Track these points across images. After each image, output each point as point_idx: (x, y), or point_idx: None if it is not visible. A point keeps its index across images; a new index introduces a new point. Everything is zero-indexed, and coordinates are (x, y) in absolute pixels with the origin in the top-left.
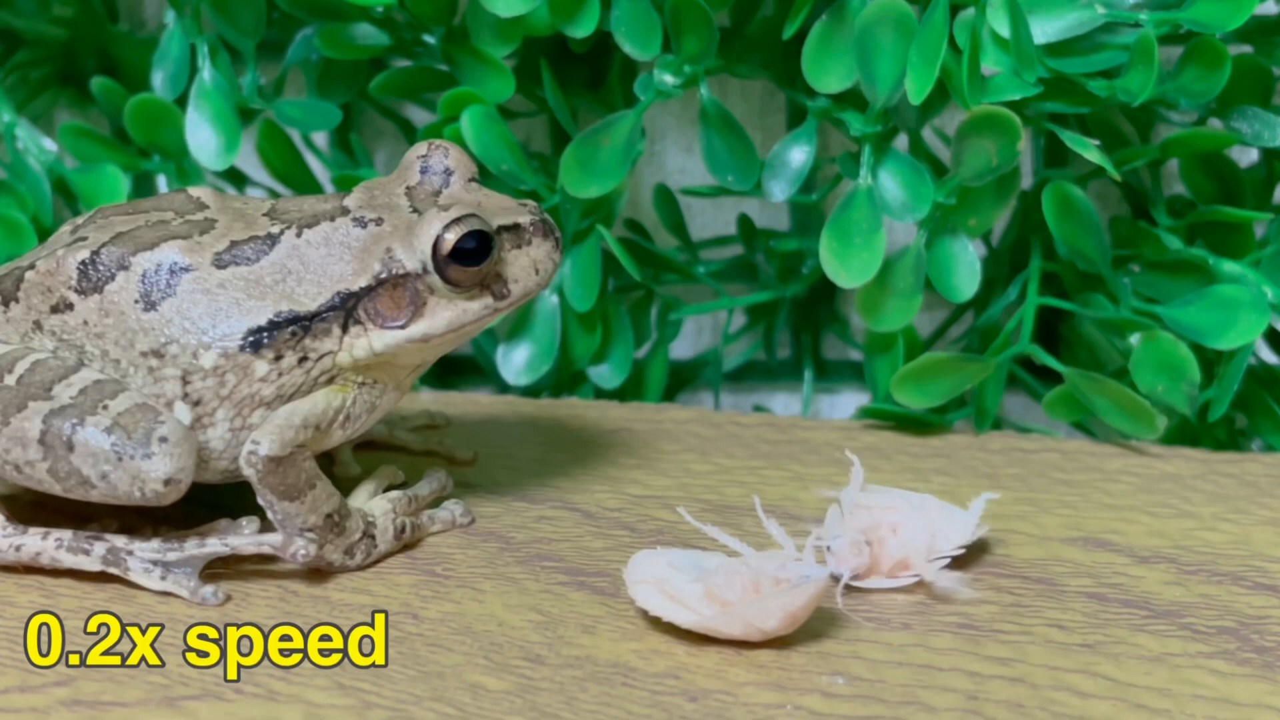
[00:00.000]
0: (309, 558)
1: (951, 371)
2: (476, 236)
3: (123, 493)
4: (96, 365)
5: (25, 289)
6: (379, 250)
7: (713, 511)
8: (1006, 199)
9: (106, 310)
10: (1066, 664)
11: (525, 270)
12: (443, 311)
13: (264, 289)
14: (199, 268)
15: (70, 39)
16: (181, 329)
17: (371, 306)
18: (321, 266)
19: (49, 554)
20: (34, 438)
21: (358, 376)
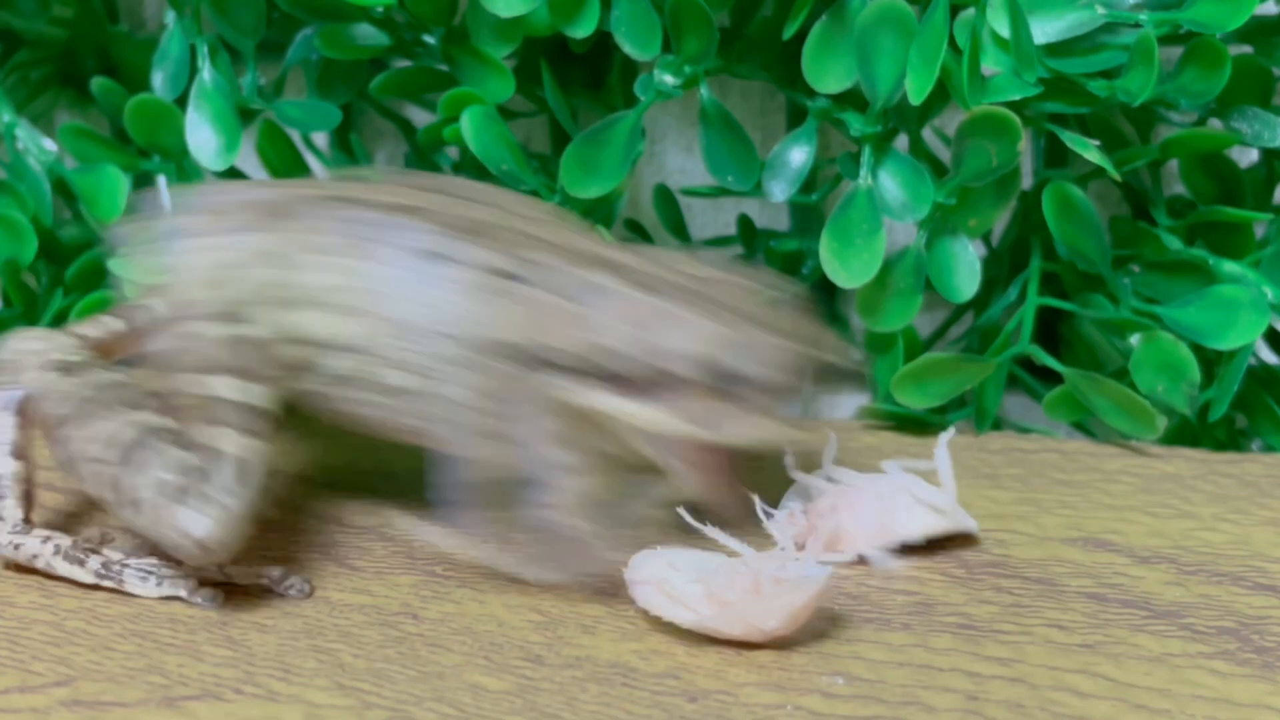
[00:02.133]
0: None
1: (951, 372)
2: (732, 372)
3: (161, 531)
4: (365, 319)
5: (344, 223)
6: (649, 327)
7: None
8: (1006, 199)
9: (421, 274)
10: (1066, 664)
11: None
12: (734, 419)
13: (562, 318)
14: (491, 270)
15: (70, 39)
16: (488, 328)
17: (673, 396)
18: (623, 327)
19: (45, 559)
20: (122, 442)
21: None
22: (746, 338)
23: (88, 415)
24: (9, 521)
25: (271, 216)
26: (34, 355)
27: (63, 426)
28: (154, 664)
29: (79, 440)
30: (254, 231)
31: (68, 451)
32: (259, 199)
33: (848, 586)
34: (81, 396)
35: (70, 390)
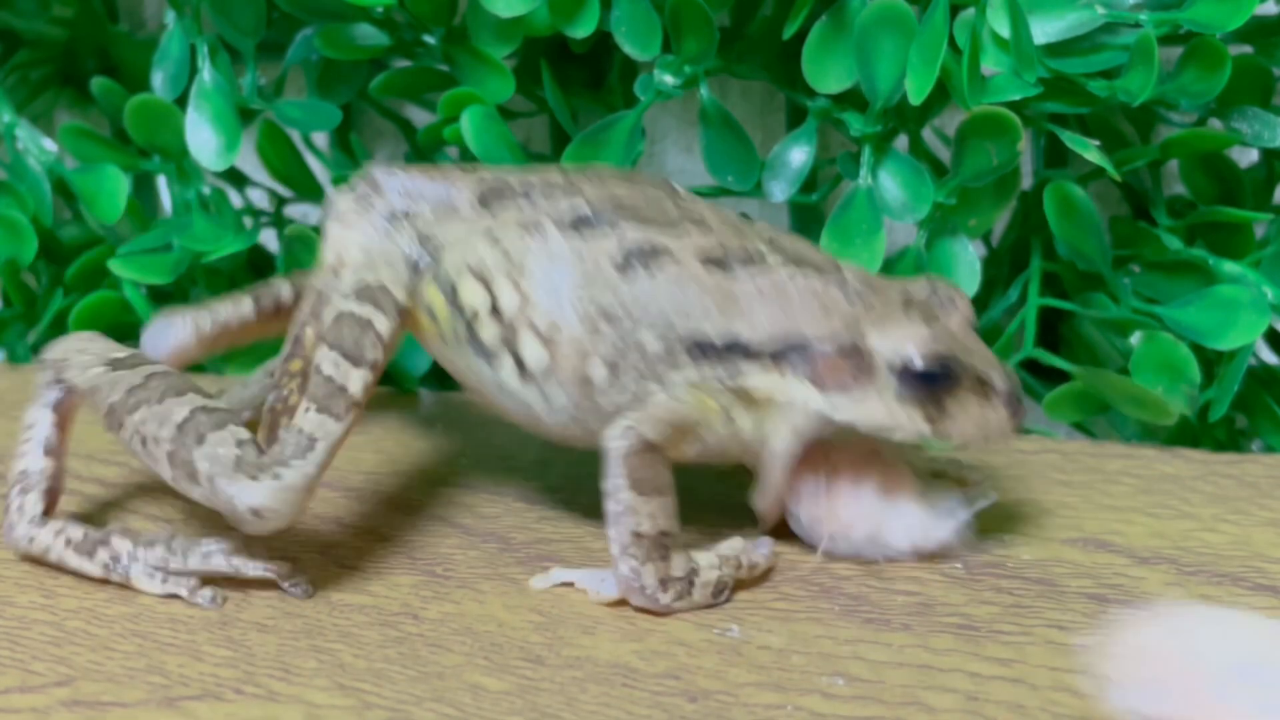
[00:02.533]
0: (633, 575)
1: None
2: (945, 364)
3: (220, 502)
4: (530, 289)
5: (504, 205)
6: (855, 320)
7: (713, 512)
8: (1006, 199)
9: (580, 255)
10: (1067, 665)
11: (972, 420)
12: (871, 404)
13: (730, 304)
14: (682, 259)
15: (70, 39)
16: (642, 304)
17: (815, 363)
18: (794, 308)
19: (57, 551)
20: (175, 421)
21: (739, 405)
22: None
23: (140, 401)
24: (28, 515)
25: (439, 204)
26: (80, 354)
27: (115, 412)
28: (154, 664)
29: (133, 424)
30: (415, 219)
31: (125, 435)
32: (432, 189)
33: (848, 587)
34: (130, 385)
35: (118, 380)
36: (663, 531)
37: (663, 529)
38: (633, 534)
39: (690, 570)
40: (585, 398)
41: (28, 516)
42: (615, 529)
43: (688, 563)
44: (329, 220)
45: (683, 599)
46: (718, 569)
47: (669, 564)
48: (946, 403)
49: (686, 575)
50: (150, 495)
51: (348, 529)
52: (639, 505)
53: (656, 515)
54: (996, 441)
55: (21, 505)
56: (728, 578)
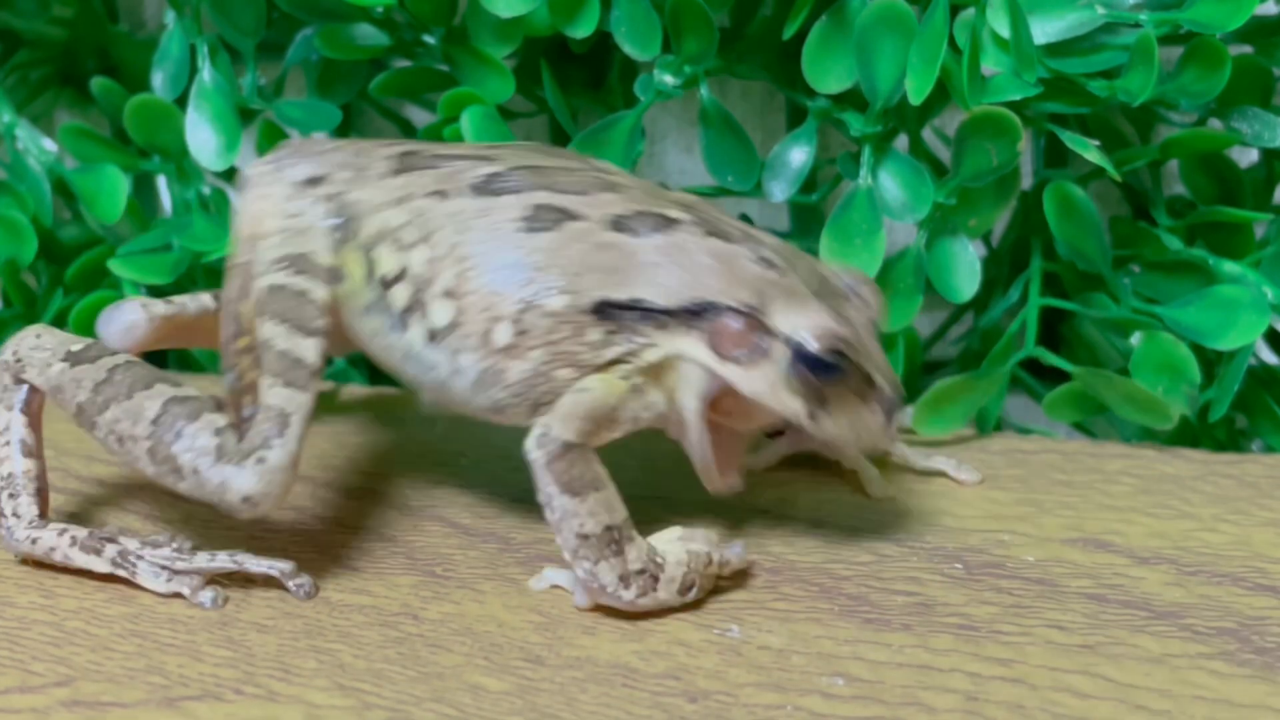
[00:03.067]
0: (590, 578)
1: (965, 393)
2: (842, 358)
3: (207, 492)
4: (436, 252)
5: (422, 171)
6: (762, 290)
7: (713, 512)
8: (1006, 199)
9: (488, 212)
10: (1066, 665)
11: (850, 422)
12: (761, 380)
13: (636, 267)
14: (590, 220)
15: (70, 39)
16: (548, 263)
17: (715, 325)
18: (701, 272)
19: (62, 550)
20: (149, 416)
21: (646, 380)
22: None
23: (108, 399)
24: (25, 518)
25: (350, 170)
26: (37, 352)
27: (86, 412)
28: (154, 664)
29: (106, 423)
30: (327, 185)
31: (99, 435)
32: (340, 156)
33: (848, 587)
34: (95, 381)
35: (82, 376)
36: (607, 526)
37: (607, 524)
38: (578, 536)
39: (652, 563)
40: (493, 366)
41: (25, 520)
42: (561, 536)
43: (647, 554)
44: (241, 193)
45: (647, 595)
46: (685, 565)
47: (624, 558)
48: (830, 397)
49: (648, 569)
50: (148, 495)
51: (347, 529)
52: (576, 507)
53: (596, 511)
54: (867, 448)
55: (15, 509)
56: (695, 575)
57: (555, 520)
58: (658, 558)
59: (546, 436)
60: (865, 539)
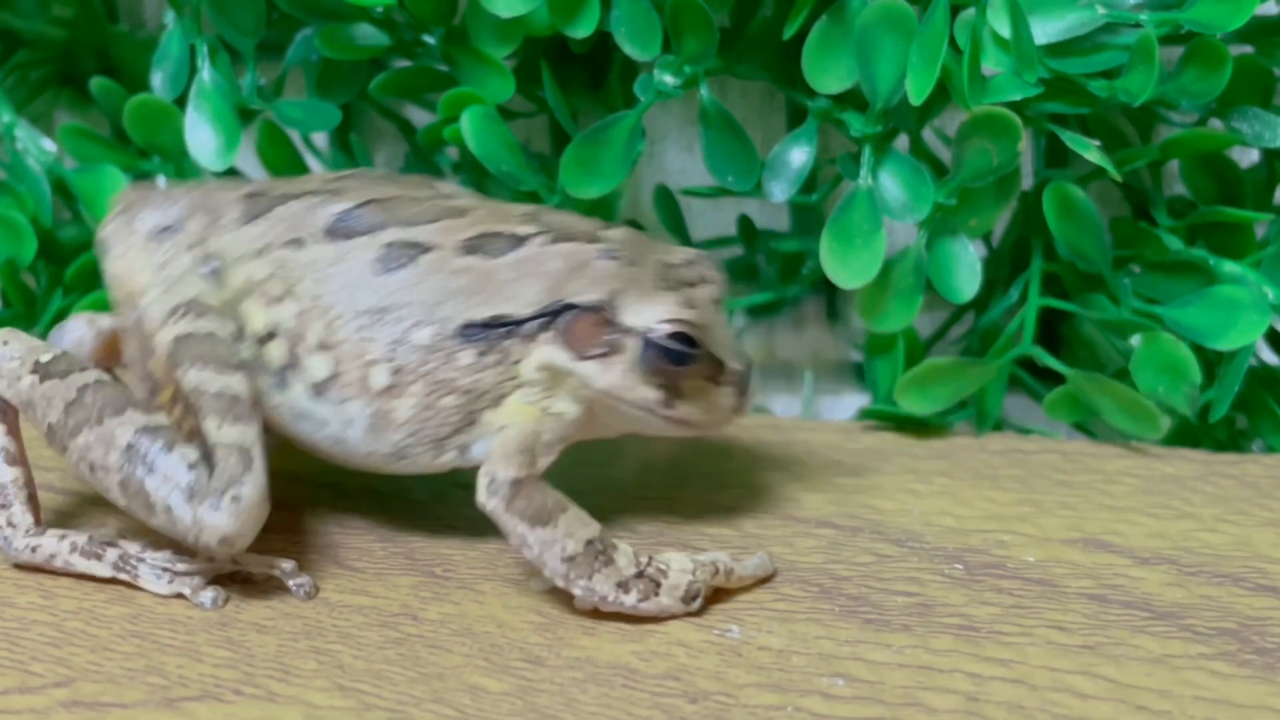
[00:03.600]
0: (588, 594)
1: (954, 376)
2: (691, 343)
3: (179, 531)
4: (303, 305)
5: (271, 217)
6: (611, 285)
7: (712, 512)
8: (1007, 199)
9: (340, 259)
10: (1067, 665)
11: (701, 403)
12: (614, 373)
13: (494, 286)
14: (442, 249)
15: (70, 39)
16: (407, 299)
17: (569, 325)
18: (553, 276)
19: (63, 557)
20: (120, 445)
21: (540, 397)
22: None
23: (79, 423)
24: (21, 527)
25: (202, 214)
26: (6, 362)
27: (57, 434)
28: (153, 665)
29: (77, 449)
30: (187, 232)
31: (70, 460)
32: (189, 201)
33: (848, 588)
34: (66, 401)
35: (52, 394)
36: (588, 541)
37: (586, 539)
38: (564, 561)
39: (654, 569)
40: (380, 409)
41: (22, 528)
42: (548, 569)
43: (636, 558)
44: (102, 259)
45: (649, 600)
46: (690, 574)
47: (615, 565)
48: (682, 382)
49: (646, 573)
50: None
51: (347, 530)
52: (551, 535)
53: (572, 531)
54: (723, 426)
55: (10, 519)
56: (700, 584)
57: (536, 556)
58: (660, 564)
59: (494, 482)
60: (865, 539)
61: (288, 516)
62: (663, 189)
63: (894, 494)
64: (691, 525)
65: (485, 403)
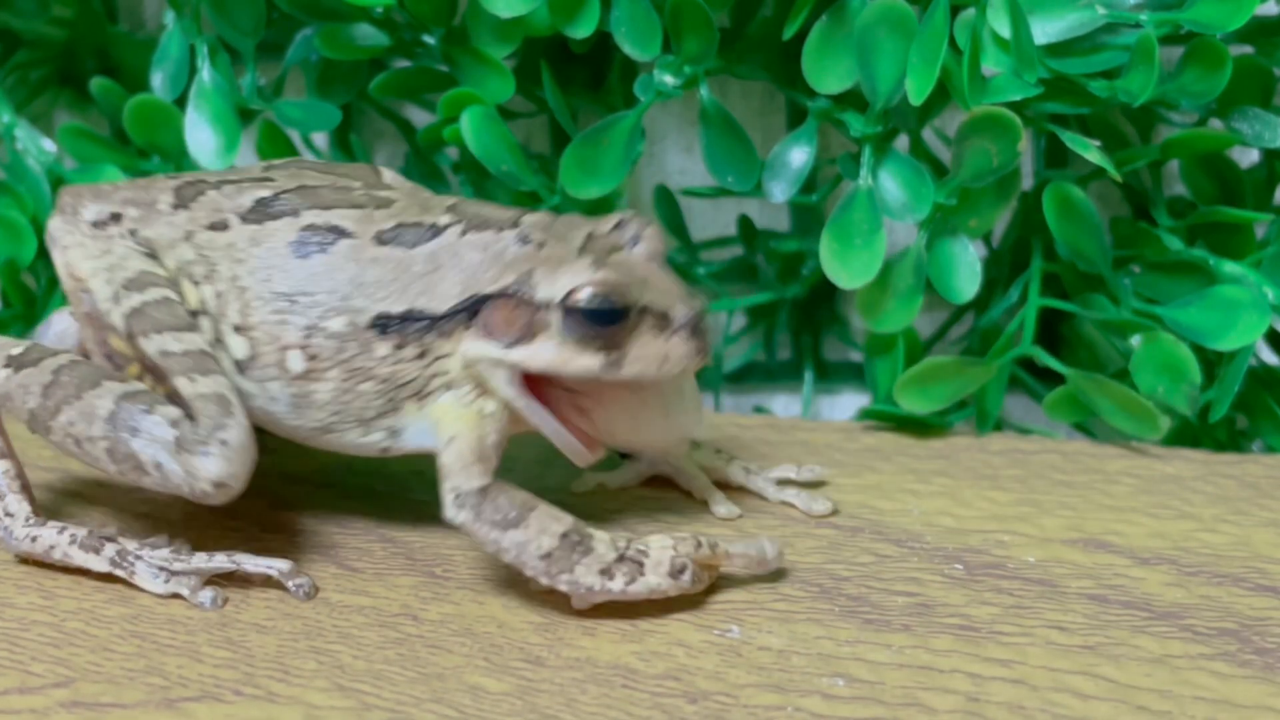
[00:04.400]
0: (574, 587)
1: (954, 375)
2: (611, 300)
3: (174, 485)
4: (221, 287)
5: (200, 202)
6: (522, 267)
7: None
8: (1007, 200)
9: (257, 241)
10: (1067, 665)
11: (652, 357)
12: (546, 350)
13: (409, 278)
14: (359, 237)
15: (70, 39)
16: (321, 287)
17: (489, 316)
18: (468, 268)
19: (62, 549)
20: (102, 416)
21: (473, 397)
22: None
23: (59, 401)
24: (19, 516)
25: (138, 204)
26: None
27: (39, 417)
28: (153, 665)
29: (60, 426)
30: (125, 221)
31: (56, 439)
32: (127, 193)
33: (848, 588)
34: (42, 384)
35: (28, 381)
36: (562, 534)
37: (560, 532)
38: (542, 559)
39: (634, 550)
40: (300, 390)
41: (21, 517)
42: (528, 569)
43: (614, 542)
44: (53, 252)
45: (636, 581)
46: (671, 549)
47: (595, 554)
48: (623, 340)
49: (628, 556)
50: (147, 494)
51: (346, 530)
52: (525, 536)
53: (545, 527)
54: (679, 371)
55: (6, 508)
56: (684, 558)
57: (514, 559)
58: (640, 545)
59: (460, 496)
60: (865, 540)
61: (287, 516)
62: (663, 189)
63: (894, 494)
64: (691, 525)
65: (408, 392)
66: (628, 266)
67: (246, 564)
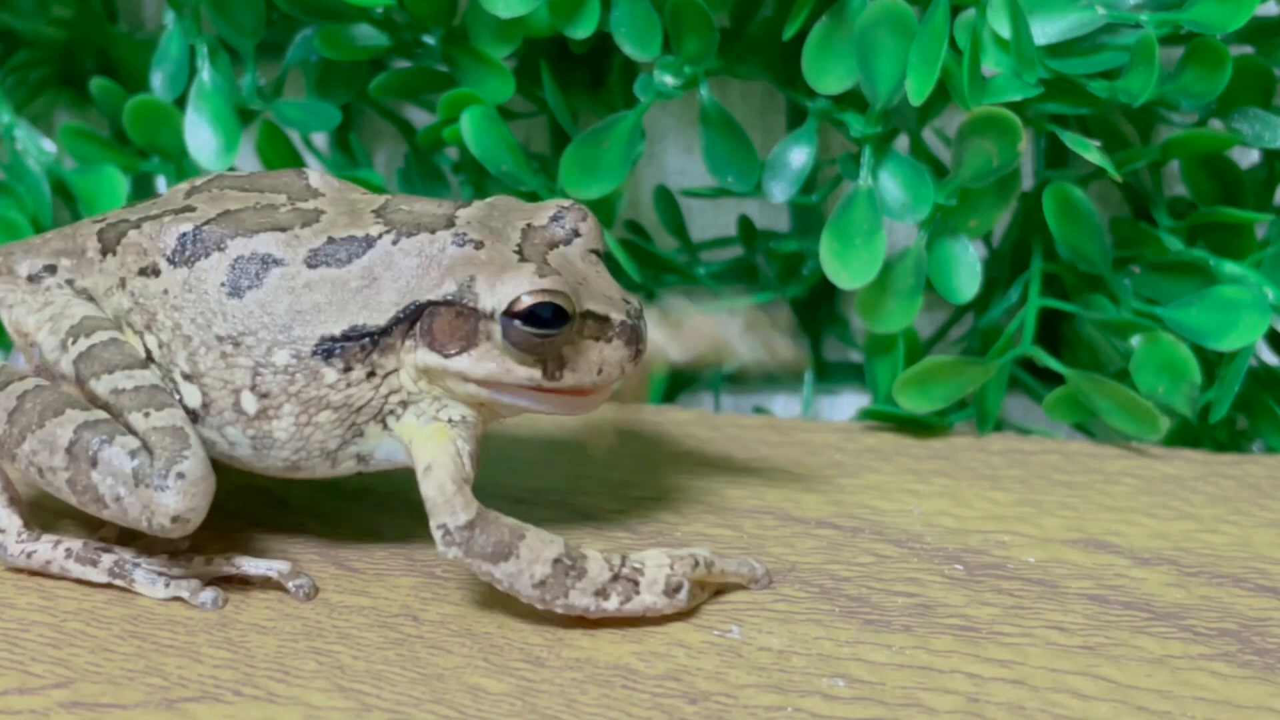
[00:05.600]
0: (570, 610)
1: (953, 375)
2: (554, 309)
3: (132, 519)
4: (164, 337)
5: (125, 245)
6: (463, 274)
7: (712, 513)
8: (1007, 200)
9: (191, 286)
10: (1067, 666)
11: (589, 365)
12: (488, 361)
13: (347, 295)
14: (290, 263)
15: (69, 40)
16: (260, 323)
17: (429, 324)
18: (405, 277)
19: (58, 563)
20: (62, 445)
21: (436, 410)
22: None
23: (22, 429)
24: (10, 531)
25: (68, 254)
26: None
27: (4, 446)
28: (153, 666)
29: (25, 455)
30: (59, 272)
31: (20, 468)
32: (56, 243)
33: (848, 588)
34: (8, 410)
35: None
36: (554, 560)
37: (552, 558)
38: (535, 586)
39: (629, 568)
40: (259, 432)
41: (13, 533)
42: (523, 596)
43: (608, 561)
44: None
45: (631, 600)
46: (668, 567)
47: (588, 576)
48: (561, 347)
49: (622, 575)
50: None
51: (346, 530)
52: (518, 566)
53: (537, 554)
54: (617, 378)
55: None
56: (680, 576)
57: (508, 587)
58: (635, 563)
59: (448, 533)
60: (865, 540)
61: (286, 517)
62: (663, 190)
63: (894, 494)
64: (691, 526)
65: (367, 415)
66: (568, 266)
67: (246, 566)
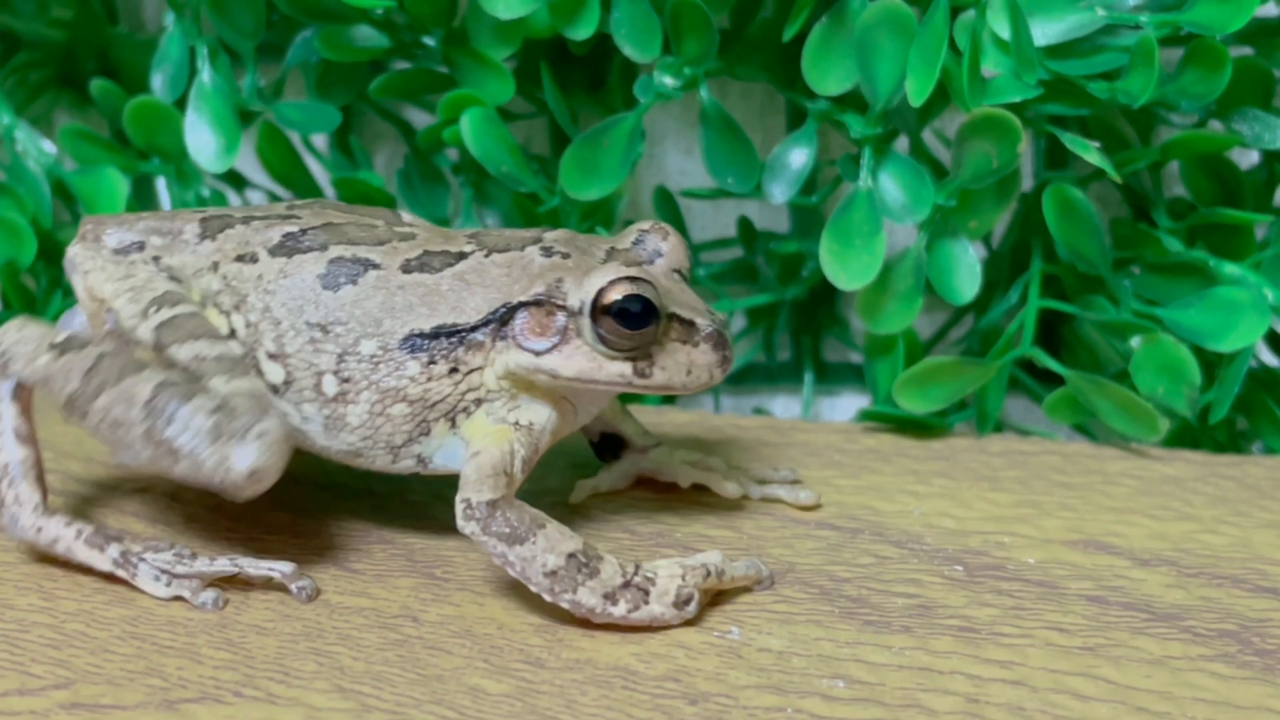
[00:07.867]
0: (576, 607)
1: (953, 375)
2: (642, 302)
3: (205, 472)
4: (252, 317)
5: (226, 234)
6: (551, 276)
7: (712, 513)
8: (1007, 201)
9: (287, 274)
10: (1067, 667)
11: (678, 365)
12: (578, 357)
13: (438, 297)
14: (387, 268)
15: (70, 41)
16: (351, 315)
17: (521, 324)
18: (495, 283)
19: (66, 542)
20: (142, 399)
21: (507, 410)
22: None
23: (99, 386)
24: (28, 505)
25: (161, 233)
26: (19, 345)
27: (77, 401)
28: (153, 666)
29: (98, 410)
30: (148, 249)
31: (91, 423)
32: (149, 222)
33: (848, 589)
34: (84, 369)
35: (70, 365)
36: (570, 554)
37: (568, 552)
38: (546, 576)
39: (641, 577)
40: (334, 413)
41: (29, 506)
42: (533, 585)
43: (622, 568)
44: (72, 275)
45: (639, 609)
46: (680, 578)
47: (600, 577)
48: (651, 348)
49: (634, 583)
50: (148, 499)
51: (347, 531)
52: (531, 552)
53: (553, 545)
54: (707, 382)
55: (17, 496)
56: (691, 588)
57: (520, 573)
58: (648, 573)
59: (470, 507)
60: (865, 541)
61: (288, 518)
62: (662, 190)
63: (894, 495)
64: (691, 527)
65: (439, 413)
66: (652, 276)
67: (248, 567)
